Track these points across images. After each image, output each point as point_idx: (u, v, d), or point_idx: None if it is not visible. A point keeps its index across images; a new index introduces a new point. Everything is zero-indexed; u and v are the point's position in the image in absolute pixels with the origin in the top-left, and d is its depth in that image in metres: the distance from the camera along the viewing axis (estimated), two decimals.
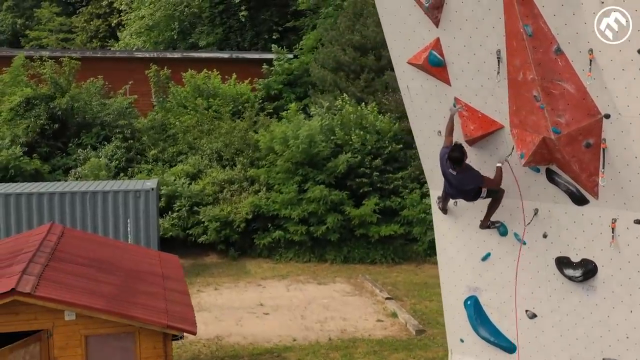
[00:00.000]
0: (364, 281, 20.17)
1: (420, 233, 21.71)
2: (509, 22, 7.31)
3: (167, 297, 11.12)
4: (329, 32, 26.99)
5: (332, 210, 21.88)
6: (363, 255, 22.14)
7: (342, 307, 17.95)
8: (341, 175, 22.12)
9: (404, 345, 15.24)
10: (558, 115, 7.29)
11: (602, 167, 7.42)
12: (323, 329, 16.31)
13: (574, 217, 8.00)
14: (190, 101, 26.84)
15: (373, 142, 22.43)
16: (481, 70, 7.82)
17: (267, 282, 20.28)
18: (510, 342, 9.00)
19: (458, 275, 9.27)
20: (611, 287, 7.94)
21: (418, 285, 19.80)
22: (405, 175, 22.34)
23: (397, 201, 22.05)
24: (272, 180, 22.80)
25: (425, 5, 7.74)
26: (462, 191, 8.39)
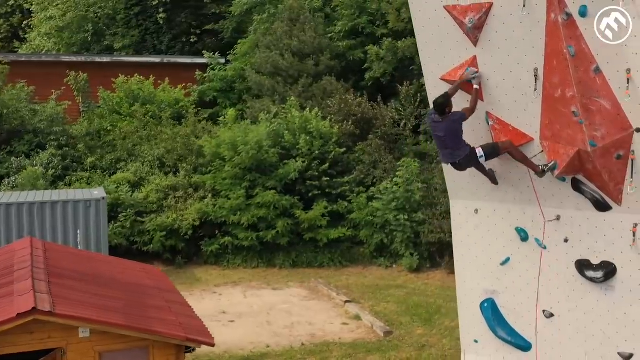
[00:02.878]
0: (318, 285, 20.48)
1: (367, 236, 22.22)
2: (550, 42, 7.82)
3: (173, 310, 11.08)
4: (265, 38, 27.11)
5: (282, 215, 22.09)
6: (311, 259, 22.45)
7: (304, 311, 18.19)
8: (291, 181, 22.35)
9: (376, 347, 15.64)
10: (595, 130, 7.88)
11: (631, 177, 8.05)
12: (293, 334, 16.51)
13: (596, 223, 8.61)
14: (125, 107, 26.33)
15: (318, 147, 22.78)
16: (516, 86, 8.31)
17: (221, 289, 20.25)
18: (527, 341, 9.54)
19: (476, 279, 9.74)
20: (629, 286, 8.59)
21: (370, 288, 20.28)
22: (351, 180, 22.81)
23: (344, 205, 22.48)
24: (218, 187, 22.75)
25: (468, 26, 8.15)
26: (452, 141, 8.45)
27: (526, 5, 7.79)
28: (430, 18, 8.53)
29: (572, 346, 9.20)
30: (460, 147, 8.42)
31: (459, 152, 8.43)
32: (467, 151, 8.42)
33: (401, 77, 25.69)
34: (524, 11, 7.84)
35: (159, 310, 10.86)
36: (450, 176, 9.58)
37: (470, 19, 8.16)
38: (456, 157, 8.48)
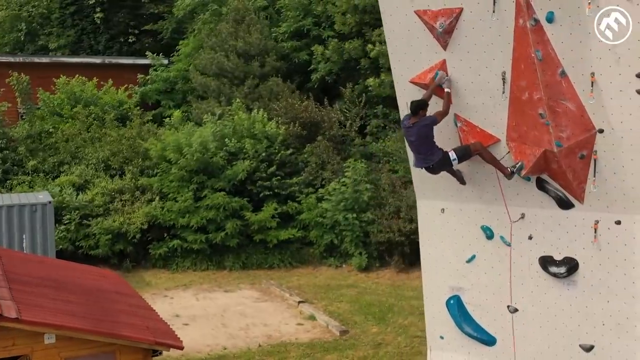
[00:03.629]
0: (269, 286, 20.52)
1: (316, 236, 22.38)
2: (518, 47, 8.11)
3: (138, 314, 10.99)
4: (210, 39, 26.98)
5: (231, 217, 22.05)
6: (261, 260, 22.48)
7: (258, 313, 18.22)
8: (240, 182, 22.32)
9: (333, 346, 15.80)
10: (561, 131, 8.21)
11: (594, 176, 8.42)
12: (249, 336, 16.53)
13: (559, 220, 8.96)
14: (66, 109, 25.82)
15: (264, 148, 22.80)
16: (484, 89, 8.58)
17: (172, 292, 20.09)
18: (492, 335, 9.84)
19: (442, 277, 9.98)
20: (591, 281, 8.96)
21: (322, 288, 20.44)
22: (300, 181, 22.93)
23: (293, 206, 22.58)
24: (165, 189, 22.55)
25: (439, 31, 8.37)
26: (424, 145, 8.62)
27: (495, 10, 8.05)
28: (401, 22, 8.72)
29: (535, 340, 9.53)
30: (433, 151, 8.63)
31: (432, 156, 8.64)
32: (440, 155, 8.63)
33: (346, 78, 25.95)
34: (493, 17, 8.10)
35: (124, 314, 10.76)
36: (417, 177, 9.80)
37: (440, 24, 8.39)
38: (429, 161, 8.69)
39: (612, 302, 8.88)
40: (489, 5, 8.09)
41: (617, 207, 8.55)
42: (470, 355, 10.03)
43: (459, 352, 10.13)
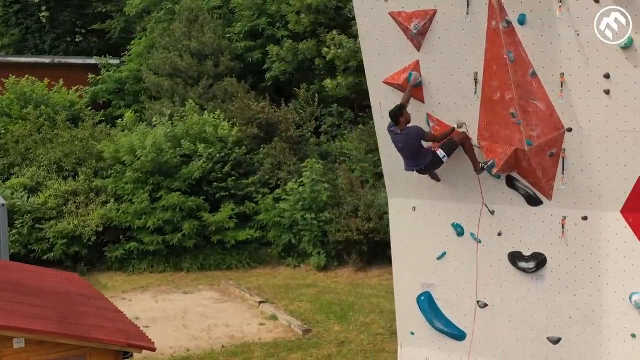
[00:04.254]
0: (229, 287, 20.46)
1: (275, 237, 22.38)
2: (490, 48, 8.33)
3: (107, 316, 10.88)
4: (163, 38, 26.74)
5: (189, 217, 21.91)
6: (219, 261, 22.37)
7: (219, 314, 18.16)
8: (195, 182, 22.19)
9: (297, 345, 15.87)
10: (531, 130, 8.46)
11: (562, 173, 8.69)
12: (211, 337, 16.48)
13: (528, 217, 9.22)
14: (15, 110, 25.27)
15: (218, 150, 22.70)
16: (456, 90, 8.77)
17: (130, 295, 19.86)
18: (462, 330, 10.05)
19: (413, 274, 10.16)
20: (558, 275, 9.26)
21: (282, 288, 20.46)
22: (256, 181, 22.91)
23: (251, 207, 22.55)
24: (121, 191, 22.26)
25: (413, 32, 8.53)
26: (412, 152, 8.78)
27: (469, 13, 8.25)
28: (375, 24, 8.85)
29: (504, 334, 9.78)
30: (423, 155, 8.78)
31: (422, 160, 8.79)
32: (430, 157, 8.79)
33: (301, 78, 26.03)
34: (467, 19, 8.29)
35: (93, 317, 10.65)
36: (389, 175, 9.94)
37: (415, 25, 8.54)
38: (420, 164, 8.86)
39: (579, 296, 9.19)
40: (463, 7, 8.28)
41: (584, 204, 8.85)
42: (441, 350, 10.23)
43: (429, 348, 10.32)
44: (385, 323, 17.01)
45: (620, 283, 8.92)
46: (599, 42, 7.94)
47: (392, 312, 17.46)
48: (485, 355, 9.91)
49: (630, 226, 8.70)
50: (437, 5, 8.45)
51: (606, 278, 8.99)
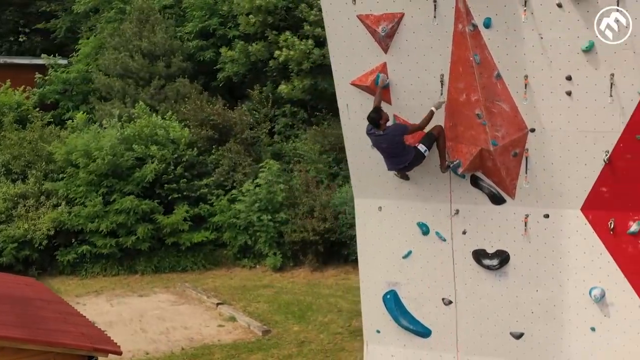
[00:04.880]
0: (185, 289, 20.33)
1: (230, 238, 22.31)
2: (457, 51, 8.52)
3: (69, 321, 10.73)
4: (113, 38, 26.38)
5: (142, 220, 21.68)
6: (174, 263, 22.20)
7: (177, 316, 18.03)
8: (149, 184, 21.97)
9: (257, 346, 15.88)
10: (496, 130, 8.69)
11: (525, 172, 8.95)
12: (170, 340, 16.36)
13: (491, 215, 9.46)
14: None
15: (171, 151, 22.53)
16: (423, 91, 8.94)
17: (84, 299, 19.54)
18: (427, 327, 10.23)
19: (379, 273, 10.28)
20: (521, 271, 9.51)
21: (238, 289, 20.42)
22: (211, 182, 22.80)
23: (205, 208, 22.43)
24: (73, 194, 21.89)
25: (381, 34, 8.66)
26: (397, 150, 8.90)
27: (436, 16, 8.42)
28: (343, 26, 8.96)
29: (468, 329, 9.99)
30: (406, 151, 8.89)
31: (406, 156, 8.90)
32: (413, 152, 8.90)
33: (254, 79, 25.99)
34: (434, 22, 8.46)
35: (55, 321, 10.50)
36: (355, 176, 10.05)
37: (383, 28, 8.68)
38: (404, 162, 8.97)
39: (541, 291, 9.47)
40: (430, 11, 8.46)
41: (545, 202, 9.13)
42: (406, 347, 10.39)
43: (395, 345, 10.47)
44: (344, 322, 17.16)
45: (580, 278, 9.23)
46: (561, 44, 8.20)
47: (350, 311, 17.77)
48: (450, 351, 10.11)
49: (590, 223, 9.01)
50: (405, 8, 8.60)
51: (567, 274, 9.29)
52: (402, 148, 8.96)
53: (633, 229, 8.82)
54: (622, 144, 8.46)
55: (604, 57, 8.10)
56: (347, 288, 19.89)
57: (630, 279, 9.00)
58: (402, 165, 9.10)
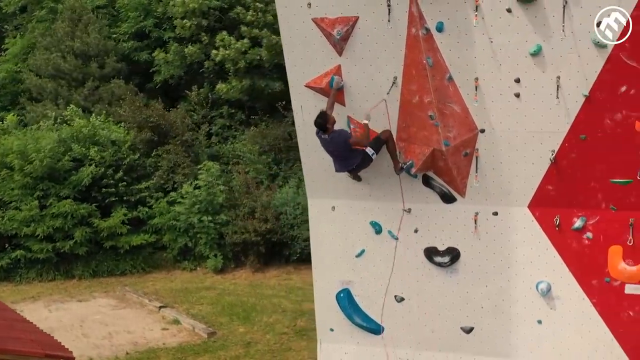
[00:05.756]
0: (125, 293, 20.08)
1: (170, 240, 22.14)
2: (410, 54, 8.74)
3: (16, 327, 10.51)
4: (44, 38, 25.77)
5: (80, 224, 21.29)
6: (113, 267, 21.90)
7: (119, 321, 17.82)
8: (85, 188, 21.58)
9: (203, 348, 15.87)
10: (448, 131, 8.95)
11: (476, 171, 9.24)
12: (114, 344, 16.18)
13: (442, 214, 9.71)
14: None
15: (111, 155, 22.20)
16: (376, 93, 9.13)
17: (20, 305, 19.01)
18: (379, 324, 10.42)
19: (332, 271, 10.41)
20: (471, 268, 9.79)
21: (180, 292, 20.30)
22: (150, 185, 22.56)
23: (144, 211, 22.18)
24: (7, 198, 21.34)
25: (336, 38, 8.80)
26: (343, 153, 9.03)
27: (390, 20, 8.62)
28: (298, 29, 9.05)
29: (420, 326, 10.22)
30: (353, 155, 9.02)
31: (353, 160, 9.03)
32: (361, 156, 9.04)
33: (191, 81, 25.81)
34: (388, 25, 8.65)
35: (3, 329, 10.25)
36: (309, 176, 10.15)
37: (338, 31, 8.82)
38: (351, 164, 9.09)
39: (490, 286, 9.77)
40: (384, 14, 8.64)
41: (494, 200, 9.44)
42: (360, 344, 10.54)
43: (348, 343, 10.61)
44: (289, 322, 17.28)
45: (528, 273, 9.57)
46: (510, 48, 8.51)
47: (295, 311, 17.91)
48: (402, 347, 10.31)
49: (537, 220, 9.36)
50: (359, 12, 8.76)
51: (515, 269, 9.62)
52: (349, 151, 9.10)
53: (577, 225, 9.20)
54: (567, 144, 8.82)
55: (551, 60, 8.44)
56: (290, 288, 20.03)
57: (575, 273, 9.38)
58: (350, 167, 9.24)
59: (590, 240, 9.22)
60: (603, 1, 8.02)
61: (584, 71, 8.38)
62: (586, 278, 9.37)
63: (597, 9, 8.05)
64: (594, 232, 9.19)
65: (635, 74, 8.26)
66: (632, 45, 8.14)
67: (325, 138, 8.95)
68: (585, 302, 9.44)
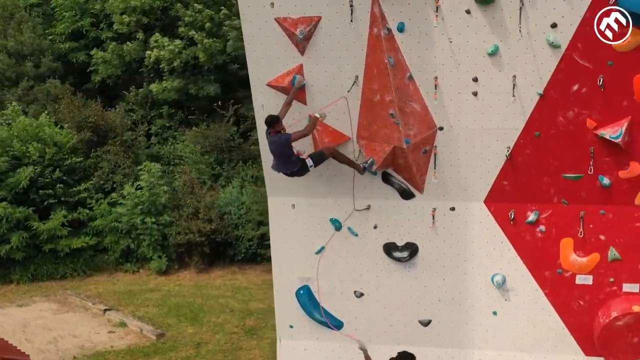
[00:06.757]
0: (67, 297, 19.69)
1: (111, 242, 21.80)
2: (371, 53, 8.92)
3: None
4: None
5: (16, 228, 20.74)
6: (52, 270, 21.42)
7: (63, 325, 17.49)
8: (23, 190, 21.04)
9: (153, 350, 15.75)
10: (409, 129, 9.16)
11: (434, 168, 9.50)
12: (60, 349, 15.89)
13: (401, 210, 9.93)
14: None
15: (52, 154, 21.72)
16: (337, 92, 9.27)
17: None
18: (339, 320, 10.58)
19: (292, 269, 10.50)
20: (429, 262, 10.06)
21: (124, 294, 20.02)
22: (90, 186, 22.15)
23: (85, 213, 21.77)
24: None
25: (299, 37, 8.91)
26: (284, 159, 9.15)
27: (352, 20, 8.78)
28: (261, 28, 9.11)
29: (379, 320, 10.42)
30: (292, 161, 9.13)
31: (291, 166, 9.16)
32: (299, 164, 9.16)
33: (129, 80, 25.46)
34: (350, 25, 8.81)
35: None
36: (269, 175, 10.20)
37: (301, 31, 8.93)
38: (289, 169, 9.21)
39: (447, 280, 10.06)
40: (347, 15, 8.80)
41: (452, 195, 9.73)
42: (319, 340, 10.67)
43: (308, 339, 10.73)
44: (238, 322, 17.29)
45: (484, 266, 9.90)
46: (469, 48, 8.79)
47: (242, 310, 17.94)
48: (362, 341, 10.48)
49: (492, 214, 9.69)
50: (322, 12, 8.89)
51: (471, 262, 9.93)
52: (289, 157, 9.21)
53: (531, 219, 9.57)
54: (522, 140, 9.17)
55: (508, 60, 8.76)
56: (236, 288, 20.03)
57: (528, 265, 9.76)
58: (287, 172, 9.35)
59: (543, 233, 9.61)
60: (558, 3, 8.36)
61: (538, 70, 8.73)
62: (539, 270, 9.76)
63: (552, 10, 8.40)
64: (546, 225, 9.57)
65: (587, 73, 8.66)
66: (584, 46, 8.52)
67: (272, 139, 9.06)
68: (538, 293, 9.83)
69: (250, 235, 20.92)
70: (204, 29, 23.54)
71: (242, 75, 23.53)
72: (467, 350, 10.20)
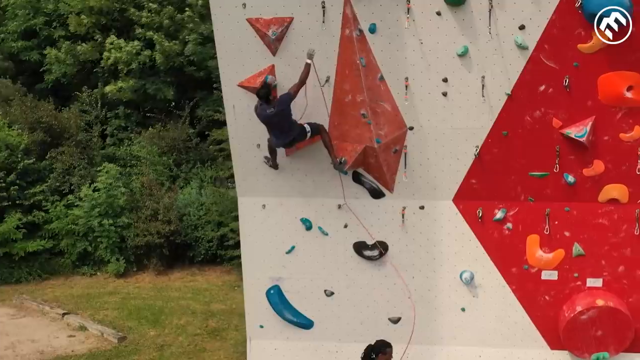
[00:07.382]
0: (23, 301, 19.25)
1: (68, 245, 21.40)
2: (343, 54, 9.04)
3: None
4: None
5: None
6: (6, 275, 20.85)
7: (20, 330, 17.08)
8: None
9: (115, 354, 15.50)
10: (380, 129, 9.30)
11: (404, 168, 9.64)
12: (18, 355, 15.53)
13: (371, 209, 10.06)
14: None
15: (4, 157, 21.24)
16: (309, 92, 9.34)
17: None
18: (309, 319, 10.64)
19: (262, 269, 10.53)
20: (399, 260, 10.21)
21: (82, 297, 19.64)
22: (46, 189, 21.72)
23: (40, 215, 21.34)
24: None
25: (271, 38, 8.95)
26: (284, 125, 9.13)
27: (325, 21, 8.87)
28: (232, 29, 9.14)
29: (349, 318, 10.54)
30: (293, 126, 9.13)
31: (293, 131, 9.15)
32: (299, 130, 9.20)
33: (84, 80, 25.03)
34: (322, 26, 8.90)
35: None
36: (239, 175, 10.23)
37: (273, 31, 8.98)
38: (290, 135, 9.18)
39: (417, 278, 10.24)
40: (319, 16, 8.89)
41: (421, 194, 9.91)
42: (289, 340, 10.73)
43: (278, 339, 10.78)
44: (200, 323, 17.15)
45: (452, 263, 10.11)
46: (439, 49, 8.96)
47: (204, 312, 17.84)
48: (331, 339, 10.58)
49: (461, 212, 9.90)
50: (294, 12, 8.96)
51: (440, 260, 10.13)
52: (290, 123, 9.21)
53: (498, 217, 9.80)
54: (490, 140, 9.39)
55: (477, 60, 8.97)
56: (196, 290, 19.88)
57: (496, 262, 10.00)
58: (289, 139, 9.32)
59: (510, 230, 9.86)
60: (526, 5, 8.58)
61: (507, 71, 8.96)
62: (506, 266, 10.00)
63: (521, 12, 8.61)
64: (513, 222, 9.81)
65: (554, 74, 8.91)
66: (550, 47, 8.76)
67: (271, 111, 9.00)
68: (505, 289, 10.07)
69: (210, 236, 20.78)
70: (162, 29, 23.32)
71: (198, 77, 23.38)
72: (436, 347, 10.38)
